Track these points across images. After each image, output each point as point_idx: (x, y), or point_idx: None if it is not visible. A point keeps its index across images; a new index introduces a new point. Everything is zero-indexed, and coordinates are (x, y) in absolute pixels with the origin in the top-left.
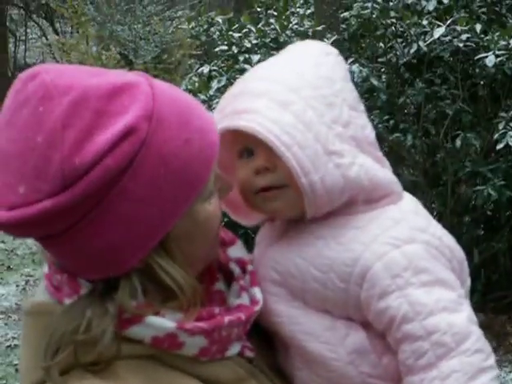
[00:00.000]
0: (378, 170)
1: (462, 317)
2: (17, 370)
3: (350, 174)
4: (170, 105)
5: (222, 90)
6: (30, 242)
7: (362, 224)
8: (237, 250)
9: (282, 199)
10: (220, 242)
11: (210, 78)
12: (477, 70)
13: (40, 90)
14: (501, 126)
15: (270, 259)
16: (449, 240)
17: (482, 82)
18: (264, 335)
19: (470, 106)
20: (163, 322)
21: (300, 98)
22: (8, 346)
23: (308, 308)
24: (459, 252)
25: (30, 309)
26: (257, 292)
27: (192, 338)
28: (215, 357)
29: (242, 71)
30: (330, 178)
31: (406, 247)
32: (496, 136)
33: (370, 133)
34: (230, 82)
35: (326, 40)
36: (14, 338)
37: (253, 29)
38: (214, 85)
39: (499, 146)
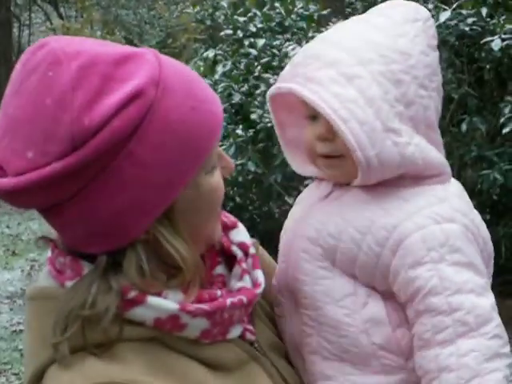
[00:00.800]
0: (431, 150)
1: (487, 302)
2: (22, 355)
3: (406, 153)
4: (176, 75)
5: (227, 74)
6: (35, 227)
7: (407, 196)
8: (239, 234)
9: (339, 169)
10: (222, 226)
11: (215, 62)
12: (483, 54)
13: (49, 57)
14: (507, 110)
15: (310, 217)
16: (484, 231)
17: (487, 66)
18: (268, 316)
19: (475, 90)
20: (166, 304)
21: (368, 72)
22: (13, 331)
23: (335, 270)
24: (490, 247)
25: (32, 294)
26: (259, 275)
27: (194, 320)
28: (216, 339)
29: (247, 55)
30: (386, 154)
31: (445, 225)
32: (502, 120)
33: (431, 114)
34: (235, 67)
35: (331, 24)
36: (19, 323)
37: (258, 13)
38: (219, 69)
39: (505, 130)
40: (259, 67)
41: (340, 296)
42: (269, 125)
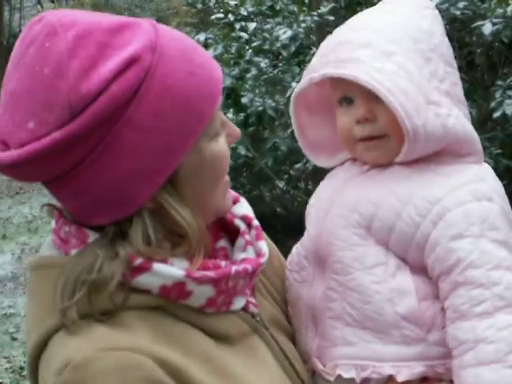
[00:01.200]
0: (468, 123)
1: None
2: (12, 339)
3: (448, 124)
4: (173, 41)
5: (218, 58)
6: (26, 210)
7: (447, 172)
8: (241, 208)
9: (383, 149)
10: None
11: (206, 45)
12: (474, 38)
13: (46, 28)
14: (498, 95)
15: (350, 186)
16: None
17: (478, 51)
18: (268, 293)
19: (466, 74)
20: (172, 270)
21: (402, 50)
22: (4, 315)
23: (369, 238)
24: None
25: (36, 263)
26: (262, 245)
27: (200, 287)
28: (220, 309)
29: (239, 39)
30: (431, 125)
31: (485, 203)
32: (493, 104)
33: (460, 90)
34: (226, 50)
35: (322, 8)
36: (9, 306)
37: None
38: (210, 53)
39: (496, 115)
40: (250, 51)
41: (371, 264)
42: (259, 109)
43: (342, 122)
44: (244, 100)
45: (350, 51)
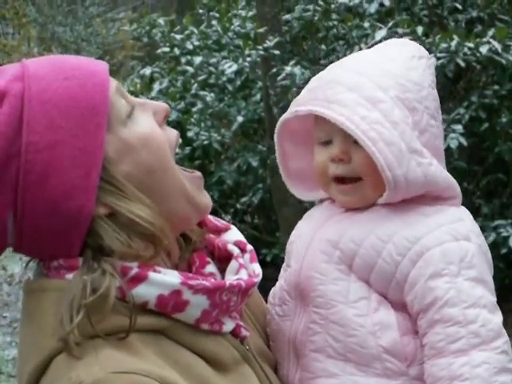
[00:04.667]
0: (448, 174)
1: (498, 319)
2: None
3: (429, 173)
4: (40, 62)
5: (163, 92)
6: None
7: (428, 212)
8: (234, 234)
9: (355, 194)
10: (214, 229)
11: (151, 79)
12: None
13: None
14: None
15: (331, 223)
16: (490, 255)
17: None
18: (253, 324)
19: None
20: (168, 278)
21: (389, 98)
22: None
23: (351, 274)
24: (492, 269)
25: (32, 287)
26: (256, 267)
27: (195, 297)
28: (214, 328)
29: (184, 73)
30: (412, 174)
31: (463, 242)
32: None
33: (439, 143)
34: (172, 84)
35: (268, 42)
36: None
37: (195, 30)
38: (156, 86)
39: None
40: (196, 85)
41: (355, 298)
42: (205, 142)
43: (318, 159)
44: (190, 134)
45: (339, 93)
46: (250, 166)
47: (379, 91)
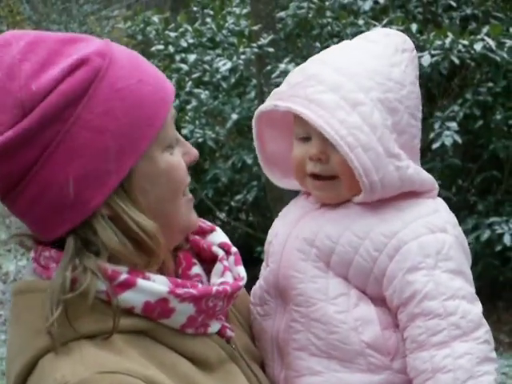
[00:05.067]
0: (424, 172)
1: (477, 309)
2: None
3: (406, 176)
4: (124, 52)
5: None
6: None
7: (402, 207)
8: (218, 236)
9: (330, 191)
10: (199, 230)
11: None
12: None
13: (0, 42)
14: (436, 126)
15: (306, 221)
16: (467, 246)
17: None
18: (239, 323)
19: None
20: (156, 286)
21: (369, 100)
22: None
23: (329, 271)
24: (470, 260)
25: (20, 288)
26: (241, 270)
27: (182, 305)
28: (199, 330)
29: (179, 70)
30: (388, 178)
31: (439, 234)
32: (432, 135)
33: (417, 143)
34: None
35: (262, 39)
36: None
37: (189, 28)
38: None
39: (435, 146)
40: (190, 82)
41: (334, 294)
42: (200, 140)
43: (296, 154)
44: (184, 131)
45: (319, 92)
46: (244, 163)
47: (359, 92)
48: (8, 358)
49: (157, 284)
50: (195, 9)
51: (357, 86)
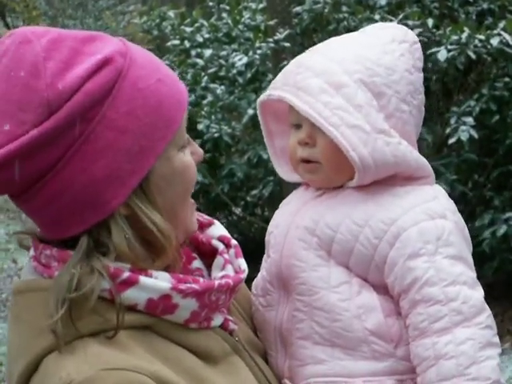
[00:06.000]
0: (419, 154)
1: (479, 294)
2: None
3: (398, 153)
4: (141, 52)
5: None
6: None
7: (401, 193)
8: (218, 229)
9: (318, 174)
10: (198, 224)
11: None
12: (429, 65)
13: (18, 38)
14: (453, 121)
15: (306, 210)
16: (467, 232)
17: (434, 77)
18: (241, 315)
19: None
20: (158, 283)
21: (352, 82)
22: None
23: (330, 260)
24: (471, 246)
25: (21, 287)
26: (242, 262)
27: (185, 300)
28: (202, 324)
29: (194, 65)
30: (379, 153)
31: (439, 220)
32: (448, 130)
33: (410, 129)
34: (182, 77)
35: (278, 34)
36: None
37: (205, 23)
38: None
39: (451, 141)
40: (206, 77)
41: (336, 282)
42: (216, 135)
43: (290, 141)
44: (200, 126)
45: (306, 78)
46: (260, 158)
47: (344, 75)
48: (9, 358)
49: (159, 281)
50: (211, 4)
51: (342, 69)
